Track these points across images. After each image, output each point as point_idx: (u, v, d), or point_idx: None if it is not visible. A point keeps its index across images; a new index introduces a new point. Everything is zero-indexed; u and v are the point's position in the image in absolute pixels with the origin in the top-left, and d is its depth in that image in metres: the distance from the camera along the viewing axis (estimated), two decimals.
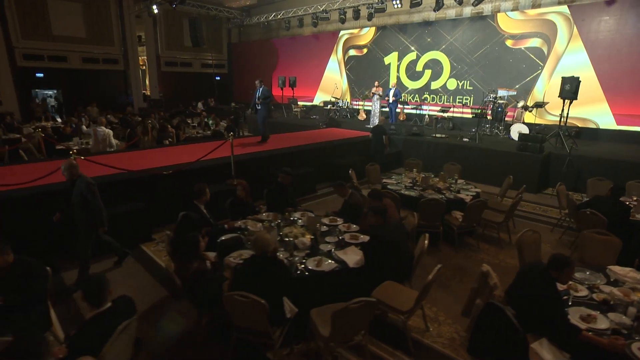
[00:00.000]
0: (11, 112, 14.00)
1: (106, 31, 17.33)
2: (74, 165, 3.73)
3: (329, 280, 3.00)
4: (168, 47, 19.55)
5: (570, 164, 7.21)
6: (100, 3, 16.94)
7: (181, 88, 20.20)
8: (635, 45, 8.90)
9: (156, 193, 5.13)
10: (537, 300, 2.43)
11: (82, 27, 16.60)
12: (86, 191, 3.72)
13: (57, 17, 15.75)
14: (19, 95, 15.39)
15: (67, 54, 16.44)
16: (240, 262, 2.87)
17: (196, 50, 20.34)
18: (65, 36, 16.14)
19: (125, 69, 18.33)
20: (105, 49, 17.45)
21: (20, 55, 15.20)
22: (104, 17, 17.18)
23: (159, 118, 11.88)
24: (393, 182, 5.72)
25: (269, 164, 6.65)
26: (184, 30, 19.55)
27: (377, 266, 3.17)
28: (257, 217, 4.01)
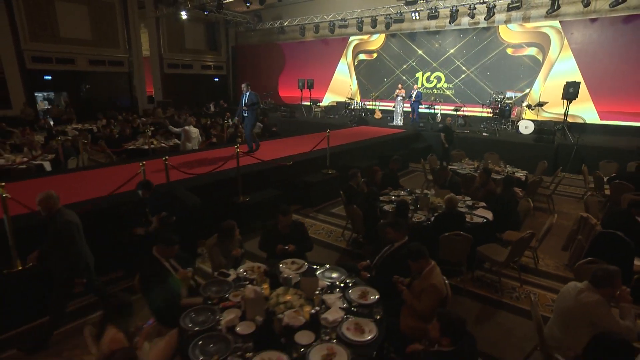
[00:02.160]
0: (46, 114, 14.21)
1: (111, 33, 17.63)
2: (51, 196, 3.18)
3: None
4: (170, 49, 20.01)
5: (577, 152, 9.12)
6: (106, 5, 17.22)
7: (182, 89, 20.71)
8: (614, 54, 11.08)
9: (283, 181, 6.30)
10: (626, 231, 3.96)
11: (88, 29, 16.83)
12: (66, 229, 3.18)
13: (64, 20, 15.92)
14: (27, 98, 15.42)
15: (75, 56, 16.59)
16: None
17: (196, 52, 20.98)
18: (73, 38, 16.32)
19: (130, 71, 18.65)
20: (110, 51, 17.71)
21: (29, 58, 15.24)
22: (109, 20, 17.47)
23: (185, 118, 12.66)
24: (458, 168, 7.23)
25: (352, 156, 7.99)
26: (185, 33, 20.12)
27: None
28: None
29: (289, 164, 6.31)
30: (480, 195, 5.15)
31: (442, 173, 5.91)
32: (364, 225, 4.40)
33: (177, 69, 20.54)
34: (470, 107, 13.27)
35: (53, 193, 3.19)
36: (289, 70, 18.62)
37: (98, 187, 4.92)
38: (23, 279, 3.49)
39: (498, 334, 3.44)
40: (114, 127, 11.11)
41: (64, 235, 3.18)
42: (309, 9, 16.28)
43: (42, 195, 3.12)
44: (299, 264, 3.22)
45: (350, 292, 2.87)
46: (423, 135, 11.18)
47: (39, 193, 3.15)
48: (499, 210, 4.75)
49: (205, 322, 2.52)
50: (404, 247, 3.15)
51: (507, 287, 4.24)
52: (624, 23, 10.96)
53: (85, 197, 4.55)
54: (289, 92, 18.36)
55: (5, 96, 14.78)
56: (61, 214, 3.20)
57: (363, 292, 2.85)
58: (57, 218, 3.17)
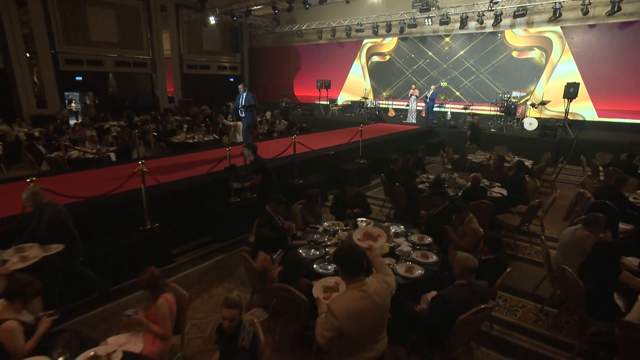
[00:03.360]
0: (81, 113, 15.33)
1: (136, 36, 18.75)
2: (37, 192, 3.47)
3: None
4: (189, 51, 21.16)
5: (576, 146, 10.30)
6: (131, 10, 18.35)
7: (200, 89, 21.87)
8: (611, 57, 12.27)
9: (325, 168, 7.46)
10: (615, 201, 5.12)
11: (115, 32, 17.95)
12: (59, 220, 3.49)
13: (94, 24, 17.05)
14: (60, 98, 16.56)
15: (103, 57, 17.72)
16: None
17: (213, 53, 22.15)
18: (101, 41, 17.44)
19: (152, 71, 19.79)
20: (135, 52, 18.84)
21: (63, 60, 16.35)
22: (134, 23, 18.59)
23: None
24: (472, 158, 8.39)
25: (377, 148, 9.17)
26: (203, 35, 21.28)
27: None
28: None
29: (331, 153, 7.48)
30: (495, 177, 6.32)
31: (461, 161, 7.08)
32: (405, 199, 5.56)
33: (195, 70, 21.69)
34: (478, 105, 14.43)
35: (37, 189, 3.48)
36: (305, 71, 19.80)
37: (182, 171, 6.09)
38: (150, 235, 4.64)
39: (515, 275, 4.60)
40: (153, 124, 12.25)
41: (58, 223, 3.48)
42: (325, 13, 17.43)
43: (27, 193, 3.41)
44: (368, 222, 4.39)
45: (411, 237, 4.05)
46: (437, 131, 12.37)
47: (23, 192, 3.45)
48: (511, 189, 5.92)
49: (316, 253, 3.71)
50: (447, 208, 4.33)
51: (520, 247, 5.41)
52: (620, 29, 12.14)
53: (174, 178, 5.70)
54: (305, 92, 19.55)
55: (42, 96, 15.93)
56: (50, 205, 3.51)
57: (421, 237, 4.03)
58: (47, 210, 3.48)
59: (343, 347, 2.26)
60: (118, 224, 4.57)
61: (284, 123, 13.42)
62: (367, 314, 2.22)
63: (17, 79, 14.95)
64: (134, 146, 8.70)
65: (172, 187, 5.07)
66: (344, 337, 2.18)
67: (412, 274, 3.32)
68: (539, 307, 3.97)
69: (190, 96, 21.01)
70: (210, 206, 5.47)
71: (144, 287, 2.67)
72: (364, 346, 2.31)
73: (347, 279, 2.29)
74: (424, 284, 3.33)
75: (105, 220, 4.53)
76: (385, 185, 6.28)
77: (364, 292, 2.23)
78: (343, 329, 2.16)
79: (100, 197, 4.50)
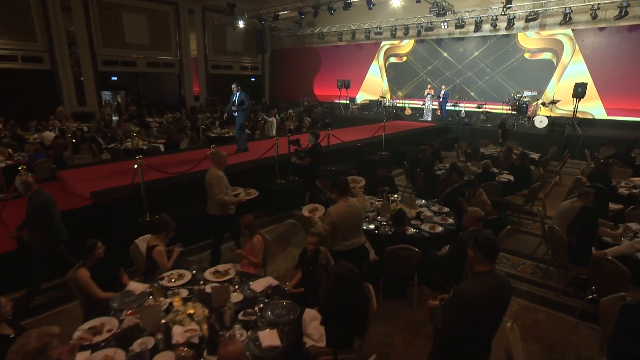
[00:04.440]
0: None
1: (165, 38, 20.10)
2: (29, 182, 3.81)
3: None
4: (214, 52, 22.46)
5: (583, 142, 11.15)
6: (162, 14, 19.71)
7: (223, 88, 23.14)
8: (620, 58, 13.05)
9: (352, 158, 8.54)
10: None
11: (147, 35, 19.31)
12: (42, 208, 3.75)
13: (129, 27, 18.43)
14: (98, 97, 17.98)
15: (136, 59, 19.11)
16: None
17: (235, 54, 23.43)
18: (135, 43, 18.82)
19: (179, 72, 21.14)
20: (164, 54, 20.20)
21: (101, 61, 17.76)
22: (164, 26, 19.94)
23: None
24: (484, 151, 9.36)
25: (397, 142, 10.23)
26: (227, 36, 22.56)
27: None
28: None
29: (359, 145, 8.56)
30: (504, 166, 7.31)
31: (474, 152, 8.08)
32: (425, 182, 6.61)
33: (219, 70, 22.99)
34: (491, 104, 15.31)
35: (28, 178, 3.90)
36: (324, 71, 20.92)
37: (234, 157, 7.23)
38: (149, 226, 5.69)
39: (518, 243, 5.62)
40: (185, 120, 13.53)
41: (42, 211, 3.76)
42: (347, 17, 18.49)
43: (19, 181, 3.88)
44: (395, 197, 5.45)
45: (431, 207, 5.10)
46: (451, 128, 13.33)
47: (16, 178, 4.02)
48: (517, 175, 6.91)
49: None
50: (462, 185, 5.38)
51: (524, 224, 6.40)
52: (628, 31, 12.92)
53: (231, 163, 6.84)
54: (324, 91, 20.68)
55: (82, 95, 17.36)
56: (38, 194, 3.81)
57: (440, 207, 5.09)
58: (34, 198, 3.81)
59: (338, 235, 3.76)
60: (194, 195, 5.72)
61: (308, 120, 14.57)
62: (349, 216, 3.73)
63: (61, 79, 16.38)
64: (181, 138, 9.91)
65: (232, 169, 6.21)
66: (337, 229, 3.70)
67: (434, 231, 4.38)
68: (535, 264, 4.99)
69: (215, 95, 22.30)
70: (261, 185, 6.59)
71: (245, 227, 3.79)
72: (351, 236, 3.80)
73: (339, 196, 3.82)
74: (443, 238, 4.37)
75: (186, 192, 5.70)
76: (407, 172, 7.33)
77: (347, 203, 3.75)
78: (335, 223, 3.67)
79: (181, 174, 5.67)
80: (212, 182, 4.39)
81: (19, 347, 1.96)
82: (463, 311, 2.10)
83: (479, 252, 2.18)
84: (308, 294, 3.31)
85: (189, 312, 2.78)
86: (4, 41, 14.55)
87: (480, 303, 2.08)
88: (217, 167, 4.51)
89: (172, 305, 2.87)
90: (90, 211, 4.99)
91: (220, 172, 4.49)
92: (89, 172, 6.50)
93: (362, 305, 2.87)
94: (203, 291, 3.07)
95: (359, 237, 3.89)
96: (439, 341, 2.35)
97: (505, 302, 2.25)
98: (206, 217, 4.60)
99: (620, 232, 4.19)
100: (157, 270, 3.51)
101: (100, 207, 4.96)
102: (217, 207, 4.49)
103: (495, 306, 2.16)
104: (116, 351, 2.39)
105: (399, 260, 3.78)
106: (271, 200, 6.46)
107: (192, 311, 2.79)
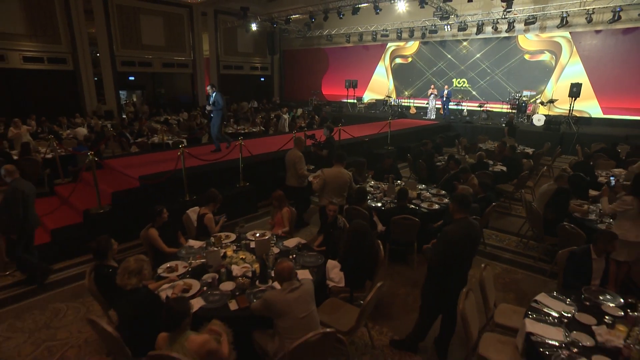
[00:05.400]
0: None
1: (180, 40, 21.10)
2: (10, 170, 4.32)
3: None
4: (225, 53, 23.44)
5: (577, 138, 11.94)
6: (177, 16, 20.71)
7: (234, 88, 24.12)
8: (615, 60, 13.82)
9: (361, 152, 9.43)
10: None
11: (162, 37, 20.32)
12: (10, 194, 4.17)
13: (146, 29, 19.44)
14: (116, 96, 19.02)
15: (152, 60, 20.12)
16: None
17: (246, 55, 24.41)
18: (151, 45, 19.83)
19: (192, 72, 22.14)
20: (179, 54, 21.20)
21: (120, 62, 18.79)
22: (179, 28, 20.94)
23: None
24: (483, 146, 10.20)
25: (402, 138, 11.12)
26: (238, 37, 23.54)
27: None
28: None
29: (366, 140, 9.45)
30: (498, 158, 8.16)
31: (472, 147, 8.93)
32: (426, 171, 7.48)
33: (230, 70, 23.97)
34: (492, 103, 16.12)
35: (12, 168, 4.38)
36: (332, 71, 21.83)
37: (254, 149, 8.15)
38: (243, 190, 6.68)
39: (507, 223, 6.49)
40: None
41: (10, 198, 4.17)
42: (354, 20, 19.38)
43: (4, 170, 4.32)
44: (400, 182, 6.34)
45: (430, 190, 5.98)
46: (453, 126, 14.17)
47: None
48: (510, 166, 7.75)
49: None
50: (458, 172, 6.25)
51: (514, 208, 7.25)
52: (623, 34, 13.68)
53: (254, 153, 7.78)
54: (332, 91, 21.59)
55: (102, 94, 18.41)
56: (15, 182, 4.25)
57: (437, 190, 5.96)
58: (11, 184, 4.24)
59: (326, 192, 5.19)
60: (226, 179, 6.66)
61: (317, 118, 15.49)
62: (334, 179, 5.20)
63: (83, 79, 17.42)
64: (202, 134, 10.86)
65: (256, 158, 7.14)
66: (326, 186, 5.18)
67: (432, 207, 5.25)
68: (519, 240, 5.85)
69: (226, 94, 23.23)
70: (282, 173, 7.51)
71: (275, 200, 4.70)
72: (335, 194, 5.14)
73: (335, 162, 5.30)
74: (439, 214, 5.24)
75: (217, 177, 6.64)
76: (410, 163, 8.21)
77: (339, 170, 5.23)
78: (326, 180, 5.17)
79: (214, 161, 6.60)
80: (295, 160, 5.82)
81: (123, 268, 2.88)
82: (445, 244, 2.98)
83: (456, 204, 3.06)
84: (329, 251, 4.21)
85: (241, 257, 3.69)
86: (32, 44, 15.60)
87: (457, 239, 2.96)
88: (297, 149, 5.91)
89: (226, 254, 3.79)
90: (139, 192, 5.93)
91: (300, 152, 5.88)
92: (130, 161, 7.45)
93: (372, 255, 3.76)
94: (248, 245, 3.99)
95: (341, 198, 5.24)
96: (429, 269, 3.22)
97: (476, 240, 3.12)
98: (239, 197, 5.53)
99: (586, 209, 5.04)
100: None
101: (148, 188, 5.90)
102: (296, 180, 5.92)
103: (468, 242, 3.04)
104: (193, 281, 3.31)
105: (402, 228, 4.66)
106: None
107: (243, 256, 3.71)
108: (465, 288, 2.97)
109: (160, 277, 3.39)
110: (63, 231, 5.27)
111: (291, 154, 5.92)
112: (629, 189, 4.14)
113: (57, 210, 5.75)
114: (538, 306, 3.04)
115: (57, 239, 5.15)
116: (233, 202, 6.33)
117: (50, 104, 16.22)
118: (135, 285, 2.83)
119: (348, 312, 3.39)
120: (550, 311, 2.96)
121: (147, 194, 5.86)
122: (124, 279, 2.81)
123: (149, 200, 5.79)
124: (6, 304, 4.09)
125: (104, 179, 6.31)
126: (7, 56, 15.04)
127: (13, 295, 4.28)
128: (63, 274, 4.74)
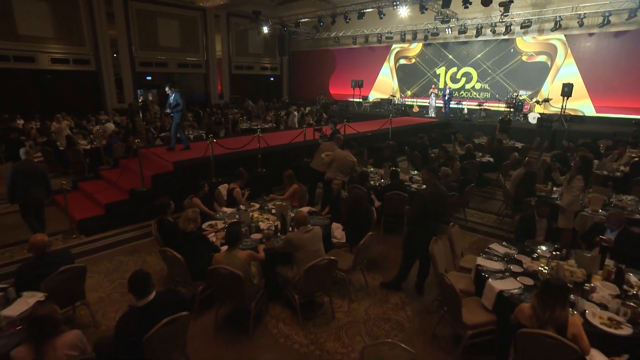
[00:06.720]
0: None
1: (194, 41, 22.33)
2: (27, 152, 5.33)
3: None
4: (237, 53, 24.66)
5: (568, 135, 12.89)
6: (191, 19, 21.95)
7: (245, 88, 25.33)
8: (607, 61, 14.73)
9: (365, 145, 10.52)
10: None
11: (177, 38, 21.57)
12: (8, 171, 5.10)
13: (162, 32, 20.69)
14: (135, 95, 20.28)
15: (168, 60, 21.38)
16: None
17: (256, 55, 25.62)
18: (167, 46, 21.09)
19: (205, 72, 23.38)
20: (193, 55, 22.44)
21: (138, 63, 20.06)
22: (193, 30, 22.17)
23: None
24: (477, 141, 11.22)
25: (403, 134, 12.19)
26: (249, 39, 24.75)
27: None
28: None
29: (369, 134, 10.54)
30: (487, 151, 9.20)
31: (466, 141, 9.99)
32: (421, 161, 8.56)
33: (241, 70, 25.18)
34: (491, 103, 17.09)
35: (27, 149, 5.39)
36: (339, 71, 22.95)
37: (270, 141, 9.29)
38: (261, 175, 7.81)
39: (490, 205, 7.55)
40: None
41: (9, 174, 5.06)
42: (360, 23, 20.46)
43: (23, 150, 5.30)
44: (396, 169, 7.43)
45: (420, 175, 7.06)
46: (453, 123, 15.20)
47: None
48: (496, 157, 8.79)
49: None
50: (446, 160, 7.33)
51: (498, 194, 8.28)
52: (614, 37, 14.59)
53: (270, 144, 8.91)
54: (339, 90, 22.71)
55: (121, 93, 19.71)
56: (17, 162, 5.23)
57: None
58: (13, 165, 5.18)
59: (333, 168, 6.29)
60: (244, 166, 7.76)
61: (324, 115, 16.59)
62: (342, 159, 6.31)
63: (104, 79, 18.72)
64: (220, 130, 12.04)
65: (273, 148, 8.27)
66: (334, 162, 6.33)
67: (421, 187, 6.33)
68: (497, 217, 6.91)
69: (237, 93, 24.51)
70: (294, 162, 8.63)
71: (286, 178, 5.82)
72: (339, 172, 6.22)
73: (345, 149, 6.51)
74: None
75: (239, 164, 7.76)
76: (407, 154, 9.29)
77: (345, 153, 6.42)
78: (335, 158, 6.37)
79: (236, 150, 7.77)
80: (351, 164, 6.50)
81: (184, 216, 4.03)
82: (420, 201, 4.08)
83: (427, 172, 4.17)
84: (333, 217, 5.31)
85: (265, 217, 4.83)
86: (59, 46, 16.93)
87: (428, 198, 4.05)
88: (349, 151, 6.60)
89: (253, 216, 4.92)
90: (173, 174, 7.09)
91: (354, 158, 6.64)
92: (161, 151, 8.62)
93: (368, 217, 4.85)
94: (270, 210, 5.12)
95: (344, 175, 6.34)
96: (409, 224, 4.31)
97: (442, 199, 4.19)
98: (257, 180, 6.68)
99: (549, 189, 6.08)
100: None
101: (180, 172, 7.06)
102: (322, 165, 6.68)
103: (437, 201, 4.12)
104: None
105: (394, 202, 5.75)
106: (301, 174, 8.47)
107: (267, 216, 4.85)
108: (435, 237, 4.06)
109: (203, 229, 4.54)
110: (114, 205, 6.44)
111: (343, 155, 6.41)
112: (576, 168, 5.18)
113: (106, 190, 6.93)
114: (490, 250, 4.13)
115: (111, 211, 6.32)
116: (252, 185, 7.40)
117: (74, 102, 17.52)
118: (192, 229, 3.97)
119: (348, 258, 4.50)
120: (497, 253, 4.04)
121: (180, 176, 7.02)
122: (184, 224, 3.95)
123: (181, 181, 6.96)
124: (81, 256, 5.26)
125: (142, 165, 7.47)
126: (37, 58, 16.38)
127: (85, 250, 5.47)
128: (119, 237, 5.92)
